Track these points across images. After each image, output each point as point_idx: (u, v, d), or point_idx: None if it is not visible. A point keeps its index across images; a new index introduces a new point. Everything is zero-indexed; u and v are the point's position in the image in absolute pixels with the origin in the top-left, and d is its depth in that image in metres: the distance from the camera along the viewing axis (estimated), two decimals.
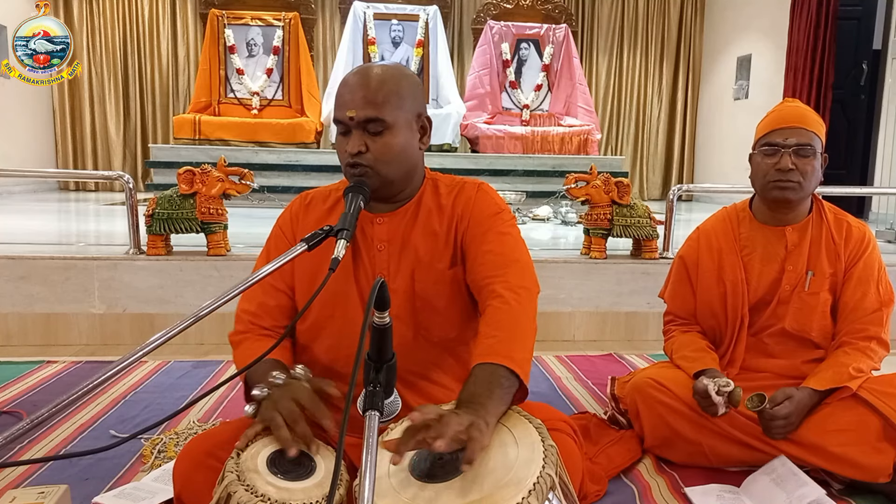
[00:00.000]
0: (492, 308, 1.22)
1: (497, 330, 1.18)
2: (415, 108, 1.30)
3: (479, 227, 1.32)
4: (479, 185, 1.39)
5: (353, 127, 1.25)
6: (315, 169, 6.11)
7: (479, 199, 1.36)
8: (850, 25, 6.43)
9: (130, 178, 3.15)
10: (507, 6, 7.42)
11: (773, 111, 1.76)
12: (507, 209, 1.38)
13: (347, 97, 1.25)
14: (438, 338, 1.36)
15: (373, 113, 1.23)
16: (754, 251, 1.79)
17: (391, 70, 1.30)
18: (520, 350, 1.16)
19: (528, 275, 1.29)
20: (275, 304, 1.36)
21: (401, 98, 1.26)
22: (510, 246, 1.31)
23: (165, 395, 2.23)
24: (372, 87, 1.24)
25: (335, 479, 0.93)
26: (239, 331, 1.37)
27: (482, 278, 1.27)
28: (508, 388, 1.10)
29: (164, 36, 8.11)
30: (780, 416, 1.56)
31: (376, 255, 1.33)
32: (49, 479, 1.59)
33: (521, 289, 1.24)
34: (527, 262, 1.32)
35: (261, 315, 1.36)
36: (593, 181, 3.12)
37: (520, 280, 1.26)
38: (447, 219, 1.35)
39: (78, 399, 0.92)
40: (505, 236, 1.32)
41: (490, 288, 1.25)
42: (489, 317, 1.21)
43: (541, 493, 0.93)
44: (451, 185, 1.39)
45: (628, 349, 2.91)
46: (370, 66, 1.31)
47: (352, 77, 1.28)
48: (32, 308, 2.85)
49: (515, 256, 1.30)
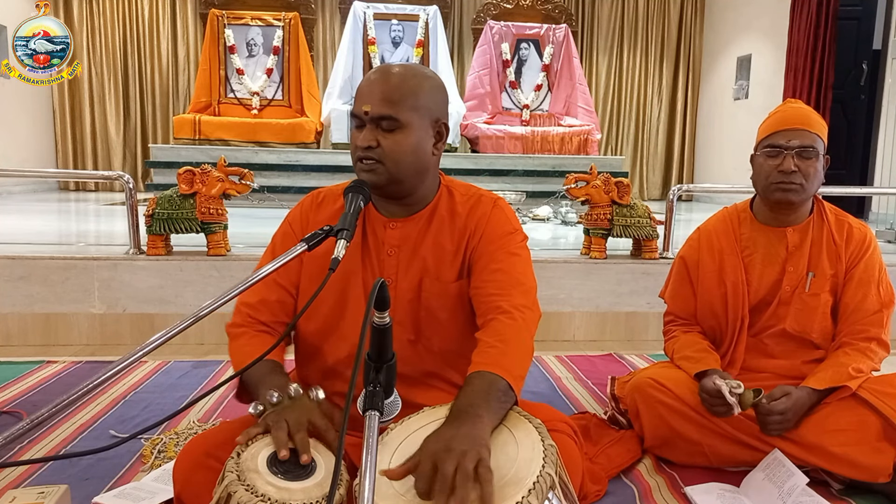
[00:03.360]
0: (497, 321, 1.22)
1: (500, 341, 1.17)
2: (433, 112, 1.30)
3: (489, 245, 1.32)
4: (496, 201, 1.38)
5: (367, 122, 1.26)
6: (315, 169, 6.11)
7: (494, 215, 1.35)
8: (850, 25, 6.43)
9: (130, 178, 3.15)
10: (507, 6, 7.42)
11: (776, 112, 1.76)
12: (520, 230, 1.38)
13: (366, 92, 1.26)
14: (439, 348, 1.35)
15: (387, 110, 1.24)
16: (755, 252, 1.79)
17: (414, 70, 1.30)
18: (518, 367, 1.16)
19: (532, 298, 1.29)
20: (275, 300, 1.36)
21: (417, 99, 1.26)
22: (518, 268, 1.31)
23: (165, 395, 2.23)
24: (390, 85, 1.25)
25: (335, 479, 0.93)
26: (236, 323, 1.36)
27: (486, 295, 1.27)
28: (505, 402, 1.10)
29: (164, 36, 8.11)
30: (777, 412, 1.56)
31: (386, 259, 1.33)
32: (49, 479, 1.59)
33: (524, 308, 1.24)
34: (531, 286, 1.31)
35: (260, 309, 1.35)
36: (593, 181, 3.12)
37: (524, 301, 1.26)
38: (459, 231, 1.34)
39: (78, 399, 0.92)
40: (514, 257, 1.32)
41: (495, 304, 1.24)
42: (493, 328, 1.21)
43: (541, 492, 0.92)
44: (466, 196, 1.38)
45: (628, 349, 2.91)
46: (394, 64, 1.31)
47: (374, 73, 1.29)
48: (32, 308, 2.85)
49: (521, 279, 1.30)
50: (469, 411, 1.03)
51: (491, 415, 1.05)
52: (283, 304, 1.36)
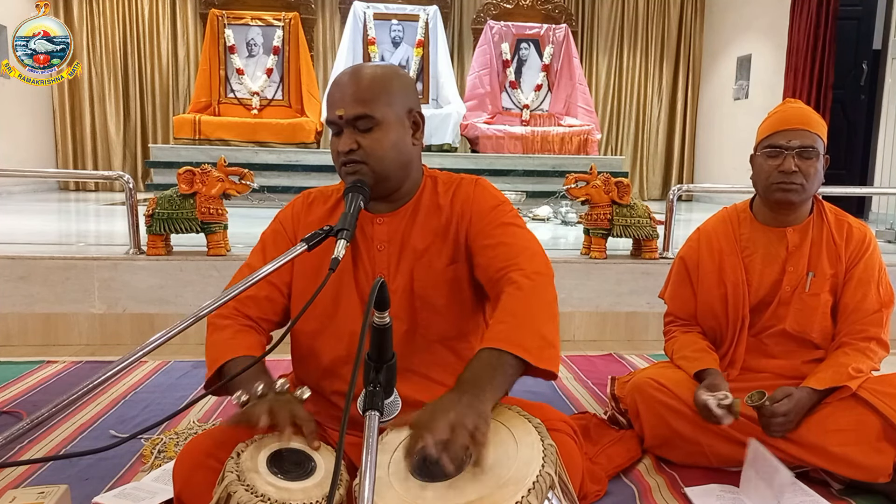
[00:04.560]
0: (506, 294, 1.20)
1: (508, 315, 1.16)
2: (405, 104, 1.30)
3: (482, 222, 1.32)
4: (477, 181, 1.39)
5: (343, 126, 1.26)
6: (315, 169, 6.11)
7: (478, 194, 1.36)
8: (850, 25, 6.43)
9: (130, 178, 3.15)
10: (507, 6, 7.42)
11: (776, 112, 1.75)
12: (506, 201, 1.37)
13: (337, 97, 1.26)
14: (438, 336, 1.35)
15: (361, 110, 1.24)
16: (755, 252, 1.79)
17: (379, 68, 1.30)
18: (531, 336, 1.13)
19: (540, 260, 1.27)
20: (264, 296, 1.36)
21: (389, 94, 1.26)
22: (518, 235, 1.30)
23: (165, 395, 2.23)
24: (360, 86, 1.25)
25: (335, 479, 0.93)
26: (221, 314, 1.34)
27: (495, 271, 1.26)
28: (511, 376, 1.09)
29: (164, 36, 8.11)
30: (780, 413, 1.56)
31: (376, 255, 1.34)
32: (49, 479, 1.59)
33: (535, 274, 1.22)
34: (536, 249, 1.30)
35: (248, 304, 1.34)
36: (593, 181, 3.12)
37: (532, 265, 1.24)
38: (446, 216, 1.34)
39: (78, 399, 0.92)
40: (509, 227, 1.31)
41: (506, 277, 1.23)
42: (502, 303, 1.19)
43: (540, 491, 0.93)
44: (448, 183, 1.39)
45: (628, 349, 2.91)
46: (358, 66, 1.31)
47: (340, 78, 1.29)
48: (32, 308, 2.85)
49: (524, 244, 1.29)
50: (472, 384, 1.04)
51: (493, 390, 1.05)
52: (272, 301, 1.36)
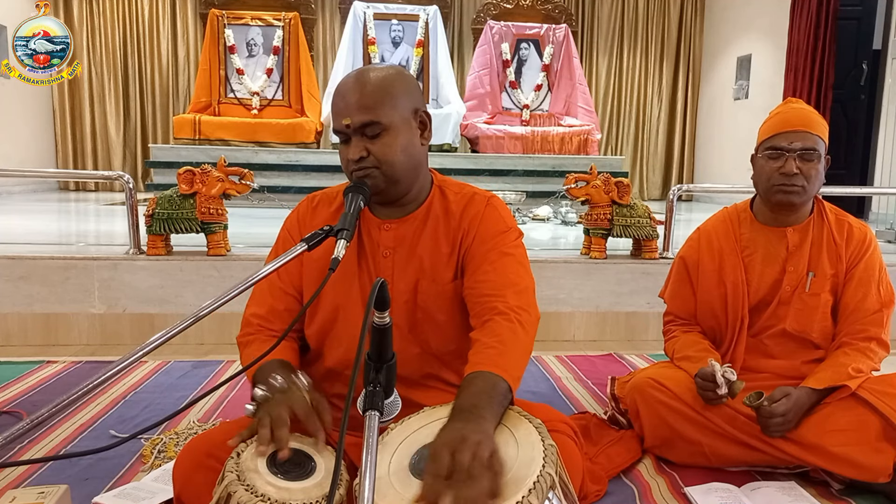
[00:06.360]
0: (494, 322, 1.20)
1: (498, 342, 1.16)
2: (411, 105, 1.28)
3: (482, 245, 1.31)
4: (489, 200, 1.37)
5: (351, 134, 1.24)
6: (315, 169, 6.10)
7: (487, 214, 1.34)
8: (850, 25, 6.43)
9: (130, 178, 3.15)
10: (507, 6, 7.42)
11: (777, 113, 1.74)
12: (514, 228, 1.36)
13: (341, 105, 1.25)
14: (436, 349, 1.35)
15: (368, 117, 1.22)
16: (755, 252, 1.79)
17: (381, 71, 1.28)
18: (516, 368, 1.15)
19: (527, 298, 1.27)
20: (284, 308, 1.36)
21: (394, 97, 1.25)
22: (511, 269, 1.29)
23: (165, 395, 2.23)
24: (363, 92, 1.23)
25: (335, 479, 0.93)
26: (248, 333, 1.36)
27: (480, 296, 1.26)
28: (503, 404, 1.09)
29: (164, 36, 8.10)
30: (778, 413, 1.56)
31: (381, 260, 1.33)
32: (49, 479, 1.59)
33: (521, 310, 1.22)
34: (525, 286, 1.29)
35: (271, 319, 1.35)
36: (593, 181, 3.12)
37: (518, 302, 1.23)
38: (453, 231, 1.33)
39: (78, 399, 0.92)
40: (507, 257, 1.30)
41: (490, 305, 1.23)
42: (490, 329, 1.19)
43: (541, 491, 0.92)
44: (460, 195, 1.37)
45: (628, 349, 2.91)
46: (360, 70, 1.29)
47: (343, 85, 1.27)
48: (32, 308, 2.85)
49: (514, 280, 1.27)
50: (473, 411, 1.03)
51: (493, 416, 1.04)
52: (292, 312, 1.36)
